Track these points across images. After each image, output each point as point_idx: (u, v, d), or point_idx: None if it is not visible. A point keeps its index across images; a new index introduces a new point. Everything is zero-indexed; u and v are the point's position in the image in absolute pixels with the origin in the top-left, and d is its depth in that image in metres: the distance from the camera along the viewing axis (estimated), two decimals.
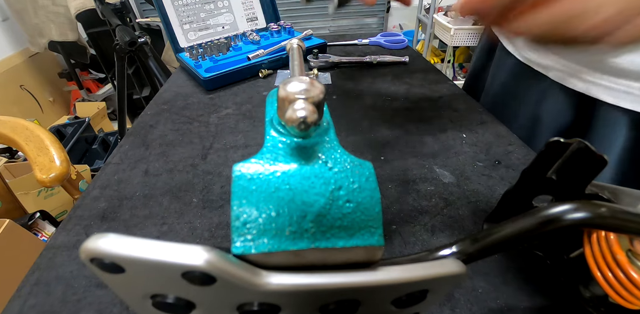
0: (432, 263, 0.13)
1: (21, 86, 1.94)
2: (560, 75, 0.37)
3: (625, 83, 0.31)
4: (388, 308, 0.14)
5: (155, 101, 0.52)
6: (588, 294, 0.20)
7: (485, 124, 0.42)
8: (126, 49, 1.10)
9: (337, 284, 0.12)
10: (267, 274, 0.11)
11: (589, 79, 0.34)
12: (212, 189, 0.34)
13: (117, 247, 0.10)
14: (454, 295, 0.23)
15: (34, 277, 0.26)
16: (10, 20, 1.91)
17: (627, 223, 0.14)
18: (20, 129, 0.64)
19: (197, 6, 0.59)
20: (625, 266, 0.15)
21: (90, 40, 1.93)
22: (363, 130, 0.42)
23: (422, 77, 0.54)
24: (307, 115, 0.11)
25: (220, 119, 0.45)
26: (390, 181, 0.33)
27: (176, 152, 0.39)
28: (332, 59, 0.59)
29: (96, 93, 2.25)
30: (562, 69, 0.36)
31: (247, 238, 0.12)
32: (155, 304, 0.12)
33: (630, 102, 0.31)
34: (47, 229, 0.85)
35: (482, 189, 0.32)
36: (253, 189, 0.12)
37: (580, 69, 0.34)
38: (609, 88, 0.32)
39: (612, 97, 0.32)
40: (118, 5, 1.50)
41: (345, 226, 0.12)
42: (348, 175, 0.13)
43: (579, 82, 0.35)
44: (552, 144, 0.19)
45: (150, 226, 0.30)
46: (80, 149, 1.59)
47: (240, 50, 0.60)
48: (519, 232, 0.14)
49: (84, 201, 0.33)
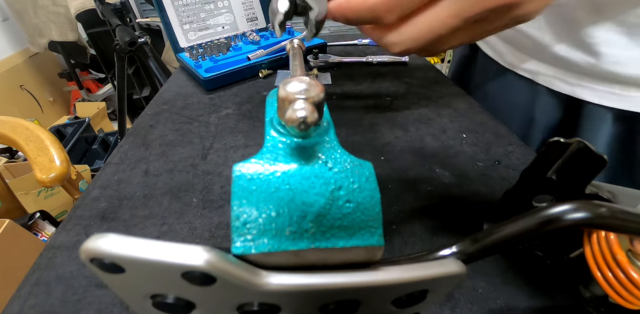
0: (432, 263, 0.13)
1: (21, 86, 1.94)
2: (547, 80, 0.39)
3: (608, 85, 0.34)
4: (388, 308, 0.14)
5: (155, 101, 0.52)
6: (588, 294, 0.20)
7: (485, 124, 0.42)
8: (126, 49, 1.10)
9: (337, 284, 0.12)
10: (267, 274, 0.11)
11: (574, 82, 0.36)
12: (212, 189, 0.34)
13: (117, 247, 0.10)
14: (454, 295, 0.23)
15: (34, 277, 0.26)
16: (10, 20, 1.91)
17: (627, 223, 0.14)
18: (20, 129, 0.64)
19: (197, 6, 0.59)
20: (625, 266, 0.15)
21: (90, 40, 1.93)
22: (363, 130, 0.42)
23: (422, 77, 0.54)
24: (307, 115, 0.11)
25: (220, 119, 0.45)
26: (390, 181, 0.33)
27: (176, 152, 0.39)
28: (332, 59, 0.59)
29: (96, 93, 2.26)
30: (547, 74, 0.39)
31: (247, 238, 0.12)
32: (155, 304, 0.12)
33: (614, 102, 0.34)
34: (47, 229, 0.85)
35: (482, 189, 0.32)
36: (253, 189, 0.12)
37: (565, 73, 0.37)
38: (593, 89, 0.35)
39: (596, 98, 0.35)
40: (118, 5, 1.50)
41: (345, 226, 0.12)
42: (348, 175, 0.13)
43: (566, 86, 0.37)
44: (552, 144, 0.19)
45: (150, 226, 0.30)
46: (80, 149, 1.59)
47: (240, 50, 0.60)
48: (519, 232, 0.14)
49: (84, 201, 0.33)
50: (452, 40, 0.21)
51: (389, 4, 0.19)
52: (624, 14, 0.30)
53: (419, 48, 0.21)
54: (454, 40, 0.21)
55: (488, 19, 0.20)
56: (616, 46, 0.31)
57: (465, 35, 0.21)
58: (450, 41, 0.21)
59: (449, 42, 0.21)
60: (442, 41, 0.21)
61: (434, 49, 0.22)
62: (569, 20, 0.34)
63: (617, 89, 0.33)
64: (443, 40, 0.21)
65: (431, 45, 0.21)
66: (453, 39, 0.21)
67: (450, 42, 0.21)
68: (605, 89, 0.34)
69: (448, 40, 0.21)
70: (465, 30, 0.20)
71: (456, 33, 0.20)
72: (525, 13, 0.20)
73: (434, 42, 0.21)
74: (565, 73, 0.37)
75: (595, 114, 0.36)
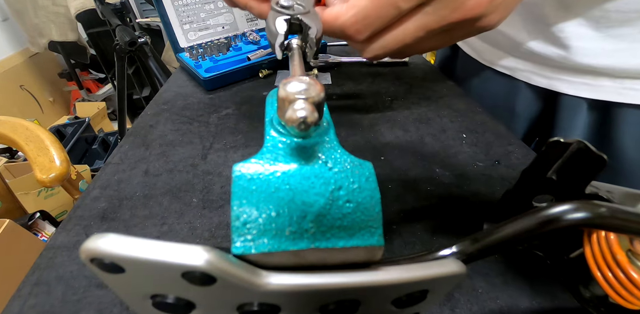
0: (432, 263, 0.13)
1: (21, 86, 1.94)
2: (525, 75, 0.41)
3: (581, 76, 0.36)
4: (388, 308, 0.14)
5: (155, 101, 0.52)
6: (588, 294, 0.20)
7: (485, 124, 0.42)
8: (126, 49, 1.10)
9: (337, 284, 0.12)
10: (267, 275, 0.11)
11: (550, 75, 0.38)
12: (212, 189, 0.34)
13: (117, 247, 0.10)
14: (454, 295, 0.23)
15: (34, 277, 0.26)
16: (10, 20, 1.91)
17: (627, 223, 0.14)
18: (20, 129, 0.64)
19: (197, 6, 0.59)
20: (625, 266, 0.15)
21: (90, 40, 1.93)
22: (363, 130, 0.42)
23: (422, 77, 0.54)
24: (307, 115, 0.11)
25: (220, 119, 0.45)
26: (390, 181, 0.33)
27: (176, 152, 0.39)
28: (332, 59, 0.58)
29: (96, 93, 2.26)
30: (525, 69, 0.41)
31: (247, 238, 0.12)
32: (155, 304, 0.12)
33: (587, 92, 0.36)
34: (47, 229, 0.85)
35: (482, 189, 0.32)
36: (253, 189, 0.12)
37: (541, 68, 0.39)
38: (567, 81, 0.37)
39: (572, 89, 0.37)
40: (118, 5, 1.50)
41: (345, 226, 0.12)
42: (348, 175, 0.13)
43: (542, 79, 0.39)
44: (552, 144, 0.19)
45: (150, 226, 0.30)
46: (80, 149, 1.59)
47: (240, 50, 0.60)
48: (519, 232, 0.14)
49: (84, 201, 0.33)
50: (419, 47, 0.23)
51: (357, 27, 0.21)
52: (589, 8, 0.32)
53: (387, 54, 0.23)
54: (421, 47, 0.23)
55: (453, 30, 0.21)
56: (585, 39, 0.33)
57: (432, 44, 0.23)
58: (417, 48, 0.23)
59: (416, 49, 0.23)
60: (410, 48, 0.23)
61: (402, 54, 0.24)
62: (539, 17, 0.35)
63: (589, 80, 0.35)
64: (411, 47, 0.22)
65: (399, 52, 0.23)
66: (420, 46, 0.23)
67: (418, 49, 0.23)
68: (579, 80, 0.36)
69: (415, 47, 0.23)
70: (432, 39, 0.22)
71: (423, 42, 0.22)
72: (488, 24, 0.21)
73: (402, 49, 0.22)
74: (541, 67, 0.39)
75: (571, 104, 0.38)
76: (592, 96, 0.35)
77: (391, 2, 0.19)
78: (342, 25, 0.21)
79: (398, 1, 0.19)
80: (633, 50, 0.31)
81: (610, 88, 0.34)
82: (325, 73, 0.57)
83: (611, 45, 0.32)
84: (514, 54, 0.41)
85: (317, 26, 0.21)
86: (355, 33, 0.21)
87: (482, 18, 0.20)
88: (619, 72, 0.33)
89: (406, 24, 0.21)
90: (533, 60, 0.39)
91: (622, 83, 0.33)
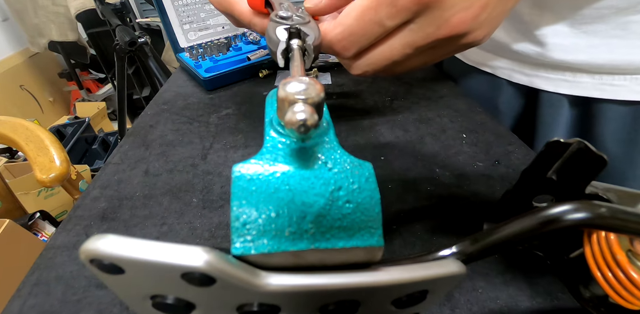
0: (432, 263, 0.13)
1: (21, 86, 1.94)
2: (506, 73, 0.42)
3: (560, 72, 0.36)
4: (388, 308, 0.14)
5: (155, 101, 0.52)
6: (588, 294, 0.20)
7: (485, 124, 0.42)
8: (126, 49, 1.10)
9: (337, 285, 0.12)
10: (267, 275, 0.11)
11: (530, 73, 0.39)
12: (212, 189, 0.34)
13: (117, 248, 0.10)
14: (454, 295, 0.23)
15: (34, 277, 0.26)
16: (10, 20, 1.91)
17: (627, 223, 0.14)
18: (20, 129, 0.64)
19: (197, 6, 0.58)
20: (625, 266, 0.15)
21: (90, 40, 1.93)
22: (363, 130, 0.41)
23: (422, 77, 0.54)
24: (306, 117, 0.11)
25: (220, 119, 0.45)
26: (390, 181, 0.33)
27: (176, 152, 0.39)
28: (332, 59, 0.58)
29: (96, 93, 2.26)
30: (506, 67, 0.42)
31: (246, 238, 0.12)
32: (155, 304, 0.12)
33: (567, 88, 0.36)
34: (47, 229, 0.85)
35: (482, 189, 0.32)
36: (253, 190, 0.12)
37: (521, 66, 0.40)
38: (547, 78, 0.38)
39: (551, 86, 0.37)
40: (118, 5, 1.50)
41: (345, 227, 0.12)
42: (348, 175, 0.13)
43: (523, 77, 0.40)
44: (551, 144, 0.19)
45: (150, 226, 0.30)
46: (80, 149, 1.59)
47: (240, 50, 0.60)
48: (519, 232, 0.14)
49: (84, 201, 0.33)
50: (407, 65, 0.23)
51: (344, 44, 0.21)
52: (563, 5, 0.32)
53: (375, 72, 0.23)
54: (409, 64, 0.23)
55: (439, 47, 0.21)
56: (560, 36, 0.34)
57: (420, 60, 0.23)
58: (405, 66, 0.23)
59: (404, 66, 0.23)
60: (398, 65, 0.23)
61: (390, 71, 0.24)
62: (515, 15, 0.36)
63: (568, 76, 0.36)
64: (398, 65, 0.23)
65: (387, 69, 0.23)
66: (408, 63, 0.23)
67: (406, 66, 0.23)
68: (557, 77, 0.36)
69: (403, 64, 0.23)
70: (420, 56, 0.22)
71: (410, 59, 0.22)
72: (474, 40, 0.21)
73: (390, 67, 0.23)
74: (520, 65, 0.40)
75: (552, 101, 0.39)
76: (572, 92, 0.36)
77: (376, 21, 0.20)
78: (330, 41, 0.22)
79: (383, 19, 0.19)
80: (607, 46, 0.32)
81: (589, 84, 0.35)
82: (325, 73, 0.57)
83: (586, 42, 0.32)
84: (496, 53, 0.42)
85: (316, 34, 0.21)
86: (342, 50, 0.22)
87: (467, 35, 0.20)
88: (596, 68, 0.33)
89: (392, 41, 0.21)
90: (512, 58, 0.40)
91: (600, 79, 0.34)
